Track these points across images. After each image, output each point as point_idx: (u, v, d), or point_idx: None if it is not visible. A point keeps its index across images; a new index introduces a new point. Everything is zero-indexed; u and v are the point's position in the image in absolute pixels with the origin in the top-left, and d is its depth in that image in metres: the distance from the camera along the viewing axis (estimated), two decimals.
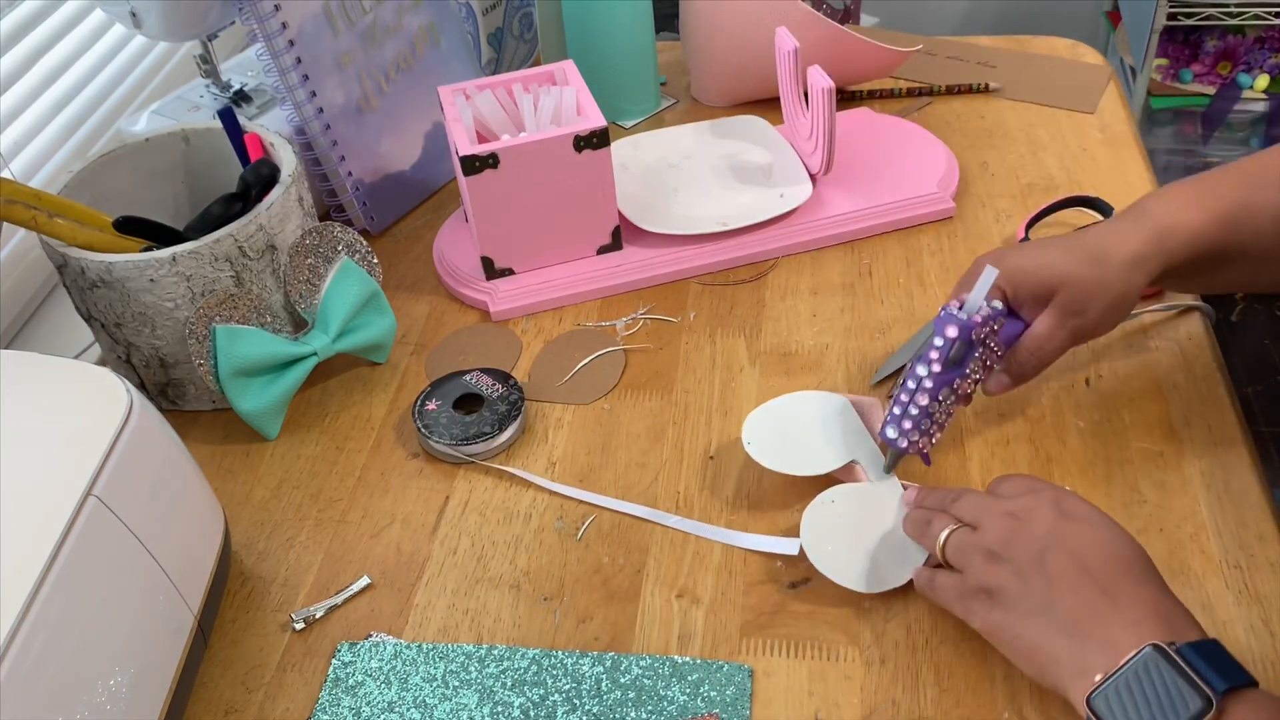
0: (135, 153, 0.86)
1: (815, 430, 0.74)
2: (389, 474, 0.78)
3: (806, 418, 0.75)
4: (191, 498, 0.67)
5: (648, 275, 0.91)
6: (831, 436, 0.73)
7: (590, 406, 0.81)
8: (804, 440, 0.73)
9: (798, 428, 0.74)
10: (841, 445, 0.73)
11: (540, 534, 0.72)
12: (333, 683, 0.65)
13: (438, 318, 0.91)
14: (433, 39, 1.02)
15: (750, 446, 0.73)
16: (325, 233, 0.83)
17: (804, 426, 0.74)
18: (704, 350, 0.85)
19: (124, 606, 0.58)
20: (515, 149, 0.85)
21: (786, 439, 0.73)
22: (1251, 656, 0.61)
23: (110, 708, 0.55)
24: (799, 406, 0.76)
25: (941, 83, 1.11)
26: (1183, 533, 0.68)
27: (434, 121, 1.04)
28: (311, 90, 0.92)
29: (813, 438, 0.73)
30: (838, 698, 0.61)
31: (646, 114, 1.13)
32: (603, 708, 0.62)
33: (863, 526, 0.68)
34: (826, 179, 0.96)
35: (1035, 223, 0.92)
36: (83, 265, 0.76)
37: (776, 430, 0.74)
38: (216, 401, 0.83)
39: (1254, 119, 2.22)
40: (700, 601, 0.67)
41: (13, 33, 0.97)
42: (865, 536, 0.67)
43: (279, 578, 0.71)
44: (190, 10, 0.88)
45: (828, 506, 0.69)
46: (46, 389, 0.62)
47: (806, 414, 0.75)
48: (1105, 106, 1.07)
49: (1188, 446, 0.73)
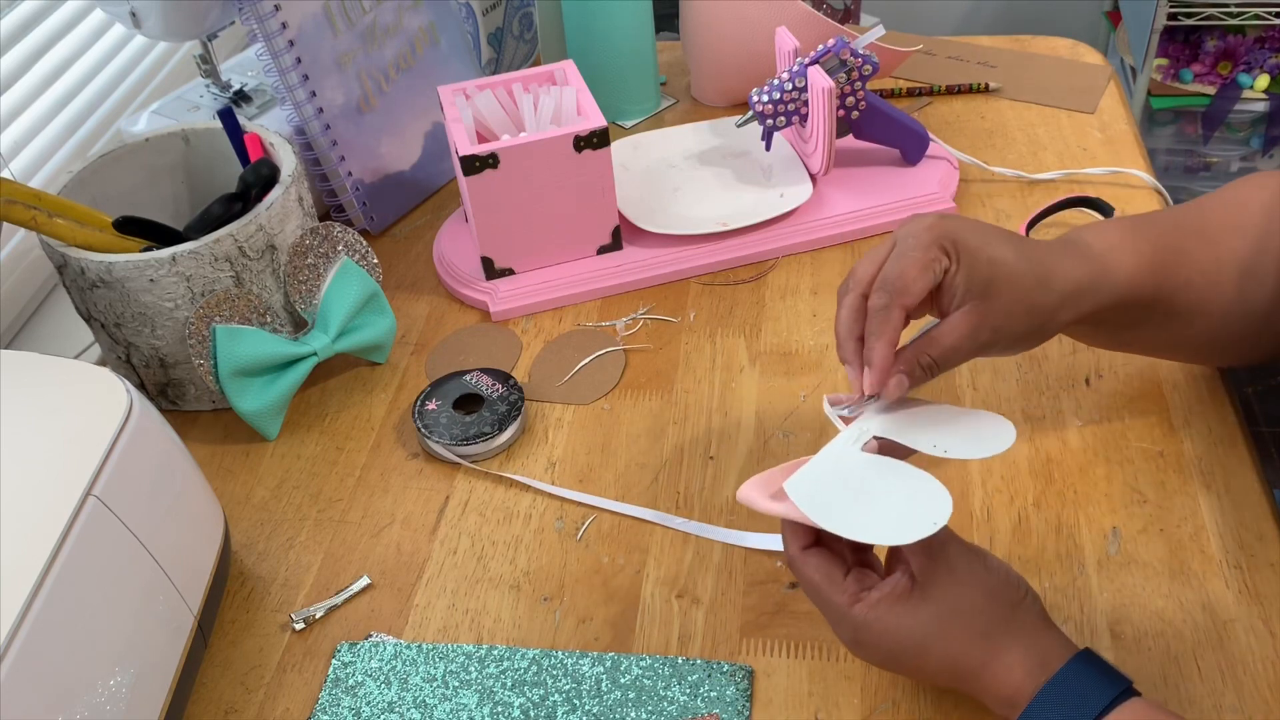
0: (135, 153, 0.86)
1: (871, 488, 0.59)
2: (389, 474, 0.78)
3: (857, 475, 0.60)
4: (191, 498, 0.67)
5: (648, 275, 0.91)
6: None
7: (590, 406, 0.81)
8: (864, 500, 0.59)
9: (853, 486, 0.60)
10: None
11: (540, 534, 0.72)
12: (332, 683, 0.65)
13: (438, 318, 0.91)
14: (433, 39, 1.02)
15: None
16: (325, 233, 0.83)
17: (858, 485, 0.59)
18: (704, 350, 0.85)
19: (124, 607, 0.58)
20: (515, 149, 0.85)
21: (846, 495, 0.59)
22: (1251, 656, 0.61)
23: (110, 708, 0.55)
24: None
25: (941, 83, 1.11)
26: (1183, 533, 0.68)
27: (434, 121, 1.04)
28: (311, 90, 0.92)
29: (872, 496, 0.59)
30: (838, 698, 0.61)
31: (646, 114, 1.13)
32: (603, 708, 0.62)
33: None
34: (826, 179, 0.96)
35: (1035, 223, 0.92)
36: (83, 265, 0.76)
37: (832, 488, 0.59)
38: (216, 401, 0.83)
39: (1254, 119, 2.22)
40: (700, 601, 0.67)
41: (13, 33, 0.97)
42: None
43: (279, 578, 0.71)
44: (190, 10, 0.88)
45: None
46: (46, 389, 0.62)
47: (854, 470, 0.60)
48: (1105, 106, 1.07)
49: (1188, 446, 0.73)
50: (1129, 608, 0.64)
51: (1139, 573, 0.66)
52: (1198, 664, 0.61)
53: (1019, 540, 0.69)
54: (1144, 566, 0.66)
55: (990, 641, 0.54)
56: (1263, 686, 0.60)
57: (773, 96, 0.93)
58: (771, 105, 0.93)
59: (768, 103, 0.93)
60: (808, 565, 0.57)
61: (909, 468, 0.59)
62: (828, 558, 0.57)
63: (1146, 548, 0.67)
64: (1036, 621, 0.56)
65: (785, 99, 0.93)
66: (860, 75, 0.92)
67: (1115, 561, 0.67)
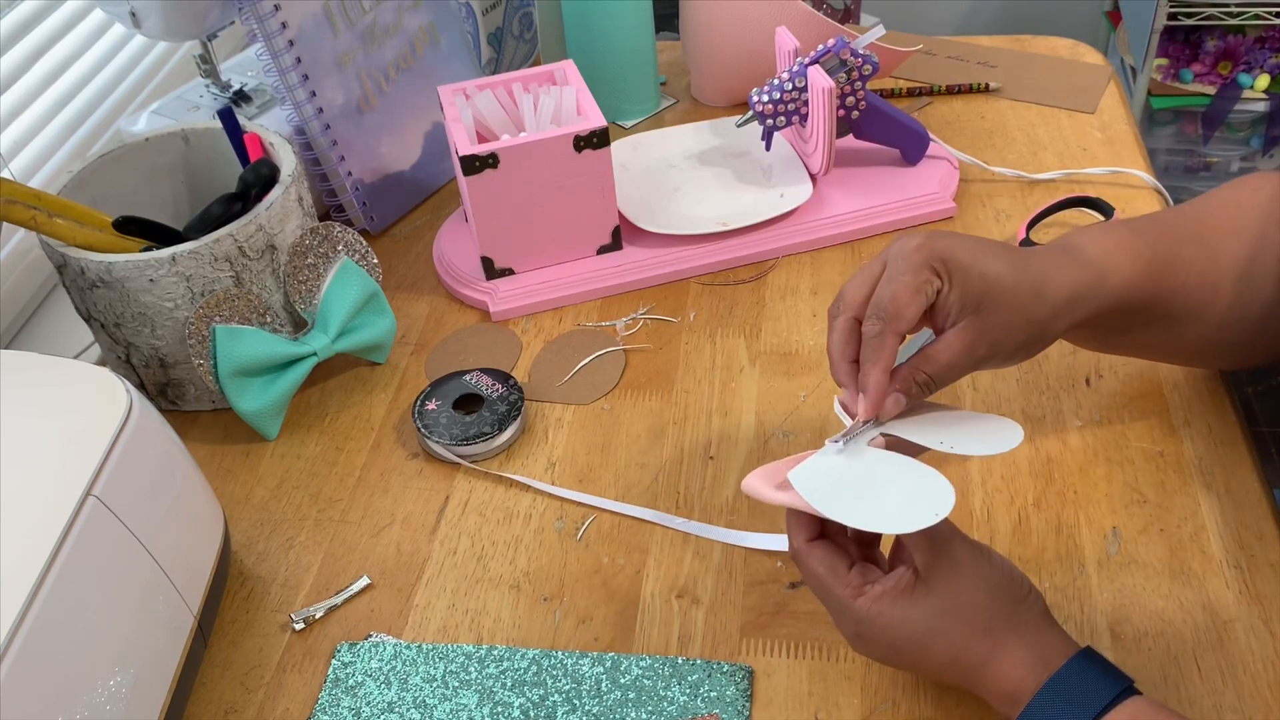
0: (135, 153, 0.86)
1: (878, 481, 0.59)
2: (389, 474, 0.78)
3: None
4: (191, 498, 0.67)
5: (648, 275, 0.91)
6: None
7: (590, 406, 0.81)
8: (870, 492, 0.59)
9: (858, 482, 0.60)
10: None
11: (540, 534, 0.72)
12: (332, 683, 0.65)
13: (438, 318, 0.91)
14: (433, 39, 1.02)
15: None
16: (325, 233, 0.83)
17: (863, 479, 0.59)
18: (704, 350, 0.85)
19: (124, 606, 0.58)
20: (515, 149, 0.85)
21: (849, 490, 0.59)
22: (1251, 656, 0.61)
23: (110, 708, 0.55)
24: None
25: (941, 83, 1.11)
26: (1183, 533, 0.68)
27: (434, 121, 1.04)
28: (311, 90, 0.92)
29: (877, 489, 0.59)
30: (838, 698, 0.61)
31: (646, 114, 1.13)
32: (603, 708, 0.62)
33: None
34: (826, 179, 0.96)
35: (1035, 223, 0.92)
36: (82, 265, 0.76)
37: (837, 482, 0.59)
38: (216, 401, 0.83)
39: (1254, 119, 2.22)
40: (700, 601, 0.67)
41: (13, 33, 0.97)
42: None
43: (279, 578, 0.71)
44: (190, 10, 0.88)
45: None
46: (46, 389, 0.62)
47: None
48: (1105, 106, 1.07)
49: (1188, 446, 0.73)
50: (1129, 608, 0.64)
51: (1139, 573, 0.66)
52: (1198, 664, 0.61)
53: (1019, 540, 0.69)
54: (1144, 566, 0.66)
55: (993, 637, 0.54)
56: (1263, 686, 0.60)
57: (773, 96, 0.93)
58: (771, 105, 0.93)
59: (768, 103, 0.93)
60: (812, 558, 0.57)
61: (913, 462, 0.58)
62: (832, 551, 0.58)
63: (1146, 548, 0.67)
64: (1039, 619, 0.56)
65: (785, 99, 0.93)
66: (860, 75, 0.92)
67: (1115, 561, 0.67)
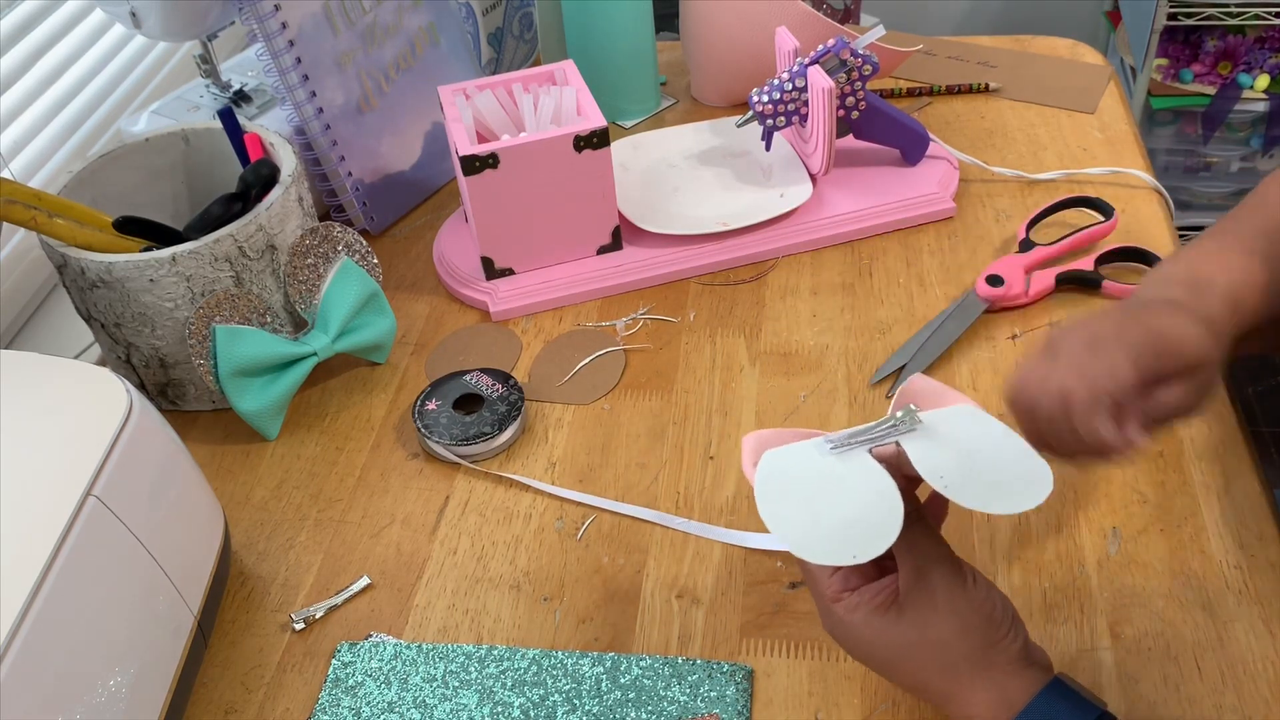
0: (135, 153, 0.86)
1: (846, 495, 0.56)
2: (389, 474, 0.78)
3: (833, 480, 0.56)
4: (191, 498, 0.67)
5: (648, 275, 0.91)
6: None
7: (590, 406, 0.81)
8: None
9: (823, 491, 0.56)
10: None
11: (540, 534, 0.72)
12: (332, 683, 0.65)
13: (438, 318, 0.91)
14: (433, 39, 1.02)
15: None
16: (325, 233, 0.83)
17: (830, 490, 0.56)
18: (704, 350, 0.85)
19: (124, 606, 0.58)
20: (515, 149, 0.85)
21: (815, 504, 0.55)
22: (1251, 656, 0.61)
23: (110, 708, 0.55)
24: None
25: (941, 83, 1.11)
26: (1183, 533, 0.68)
27: (434, 121, 1.04)
28: (311, 90, 0.92)
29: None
30: (838, 698, 0.61)
31: (646, 114, 1.13)
32: (603, 708, 0.62)
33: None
34: (826, 179, 0.96)
35: (1035, 223, 0.92)
36: (83, 265, 0.76)
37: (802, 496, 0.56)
38: (216, 401, 0.83)
39: (1254, 119, 2.21)
40: (700, 601, 0.67)
41: (12, 33, 0.97)
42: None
43: (279, 578, 0.71)
44: (190, 10, 0.88)
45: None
46: (46, 389, 0.62)
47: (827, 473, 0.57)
48: (1105, 106, 1.07)
49: (1188, 446, 0.73)
50: (1129, 608, 0.64)
51: (1139, 573, 0.66)
52: (1198, 664, 0.61)
53: (1019, 540, 0.69)
54: (1144, 566, 0.66)
55: (955, 675, 0.53)
56: (1263, 686, 0.60)
57: (773, 96, 0.93)
58: (771, 105, 0.93)
59: (768, 103, 0.93)
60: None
61: (886, 483, 0.54)
62: None
63: (1146, 548, 0.67)
64: (1011, 662, 0.54)
65: (785, 99, 0.93)
66: (860, 75, 0.92)
67: (1115, 561, 0.67)
